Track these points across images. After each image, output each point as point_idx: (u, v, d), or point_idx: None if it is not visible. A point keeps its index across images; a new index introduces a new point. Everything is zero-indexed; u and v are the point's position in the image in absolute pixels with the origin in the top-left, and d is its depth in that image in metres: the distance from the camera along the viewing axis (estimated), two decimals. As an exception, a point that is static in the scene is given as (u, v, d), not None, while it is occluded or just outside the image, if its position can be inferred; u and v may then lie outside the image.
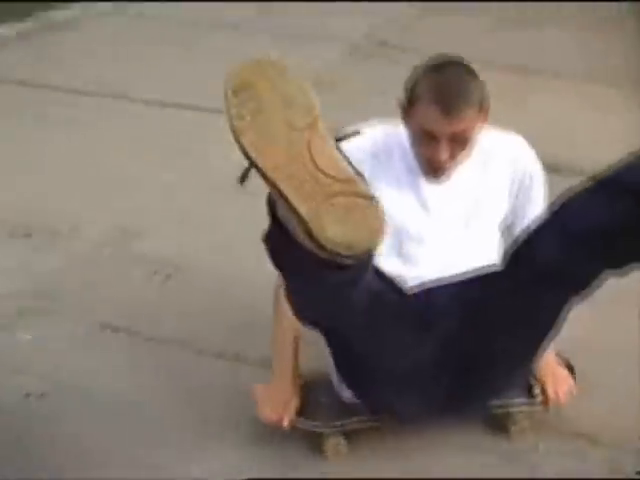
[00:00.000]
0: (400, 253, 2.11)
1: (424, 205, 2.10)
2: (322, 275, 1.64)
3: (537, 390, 2.33)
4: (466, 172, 2.10)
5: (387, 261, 2.05)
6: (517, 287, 1.86)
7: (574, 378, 2.38)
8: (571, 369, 2.40)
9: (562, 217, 1.80)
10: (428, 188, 2.09)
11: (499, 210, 2.18)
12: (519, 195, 2.17)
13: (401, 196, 2.07)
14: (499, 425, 2.37)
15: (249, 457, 2.33)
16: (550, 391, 2.32)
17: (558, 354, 2.38)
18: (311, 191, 1.48)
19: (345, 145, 1.89)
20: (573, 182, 1.81)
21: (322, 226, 1.48)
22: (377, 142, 2.08)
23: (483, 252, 2.14)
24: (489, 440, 2.35)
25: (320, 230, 1.48)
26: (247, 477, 2.22)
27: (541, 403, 2.34)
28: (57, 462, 2.10)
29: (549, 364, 2.33)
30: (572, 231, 1.76)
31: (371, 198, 1.51)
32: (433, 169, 2.04)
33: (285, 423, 2.26)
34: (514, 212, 2.18)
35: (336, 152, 1.53)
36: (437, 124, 1.91)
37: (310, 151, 1.49)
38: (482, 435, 2.37)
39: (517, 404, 2.33)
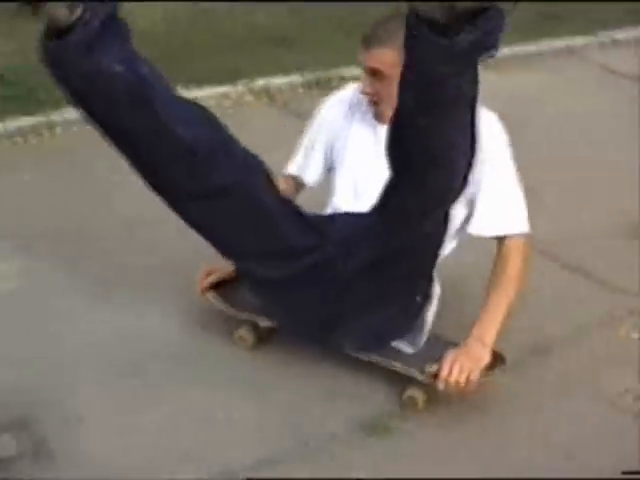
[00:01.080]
0: (354, 191, 2.29)
1: (378, 144, 2.15)
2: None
3: (432, 367, 2.18)
4: None
5: (343, 200, 2.31)
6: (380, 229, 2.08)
7: (492, 369, 2.19)
8: (499, 360, 2.21)
9: None
10: (383, 130, 2.12)
11: None
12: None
13: (363, 136, 2.29)
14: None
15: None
16: (444, 368, 2.15)
17: (488, 344, 2.18)
18: None
19: (328, 99, 2.41)
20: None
21: None
22: (353, 93, 2.33)
23: None
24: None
25: None
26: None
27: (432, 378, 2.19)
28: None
29: (467, 345, 2.19)
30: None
31: None
32: (369, 104, 2.25)
33: (197, 288, 2.43)
34: (474, 184, 2.11)
35: None
36: (360, 57, 2.17)
37: None
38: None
39: (405, 369, 2.22)
